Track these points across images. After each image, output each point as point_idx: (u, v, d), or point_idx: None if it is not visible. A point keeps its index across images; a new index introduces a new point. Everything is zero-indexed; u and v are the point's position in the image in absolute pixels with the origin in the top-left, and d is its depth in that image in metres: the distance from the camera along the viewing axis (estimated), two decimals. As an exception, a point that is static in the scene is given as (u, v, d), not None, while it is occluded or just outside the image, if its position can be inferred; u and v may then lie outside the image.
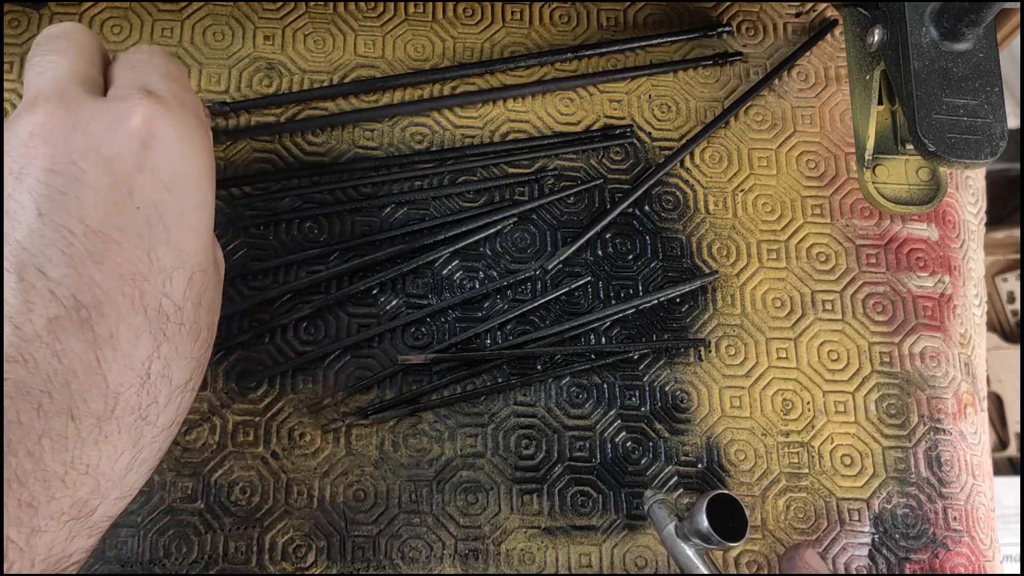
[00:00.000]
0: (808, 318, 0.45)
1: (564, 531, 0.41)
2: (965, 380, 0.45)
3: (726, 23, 0.50)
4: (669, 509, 0.38)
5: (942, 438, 0.44)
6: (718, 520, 0.33)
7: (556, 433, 0.42)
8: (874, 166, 0.42)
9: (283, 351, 0.42)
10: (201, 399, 0.41)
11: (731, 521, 0.34)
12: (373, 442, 0.42)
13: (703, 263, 0.46)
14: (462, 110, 0.47)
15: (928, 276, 0.46)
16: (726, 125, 0.48)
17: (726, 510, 0.34)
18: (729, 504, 0.34)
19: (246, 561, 0.39)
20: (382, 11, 0.48)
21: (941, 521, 0.43)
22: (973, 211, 0.50)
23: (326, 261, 0.44)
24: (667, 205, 0.46)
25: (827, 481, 0.43)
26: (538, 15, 0.49)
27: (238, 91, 0.46)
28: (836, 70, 0.49)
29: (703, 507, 0.33)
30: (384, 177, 0.45)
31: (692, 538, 0.35)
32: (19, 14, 0.46)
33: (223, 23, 0.47)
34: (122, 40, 0.46)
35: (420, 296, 0.44)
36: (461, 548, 0.40)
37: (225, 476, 0.40)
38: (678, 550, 0.36)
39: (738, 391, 0.44)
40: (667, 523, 0.37)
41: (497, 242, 0.45)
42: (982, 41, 0.38)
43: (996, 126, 0.37)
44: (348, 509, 0.41)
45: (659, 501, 0.39)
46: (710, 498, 0.34)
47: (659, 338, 0.44)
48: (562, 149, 0.46)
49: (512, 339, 0.43)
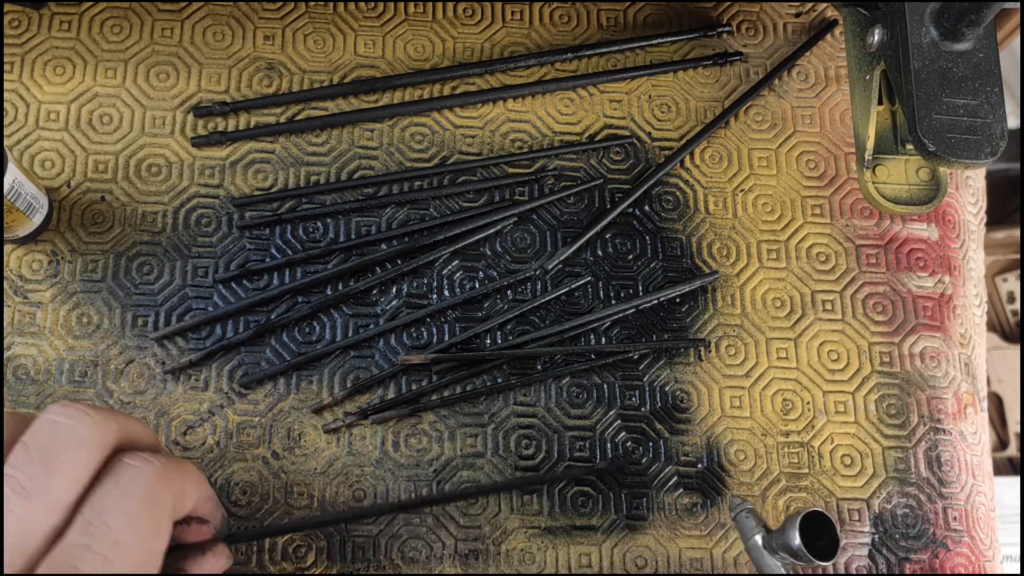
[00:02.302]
0: (808, 318, 0.45)
1: (564, 531, 0.41)
2: (965, 380, 0.45)
3: (726, 23, 0.50)
4: (757, 519, 0.38)
5: (942, 438, 0.44)
6: (809, 537, 0.34)
7: (556, 433, 0.42)
8: (874, 166, 0.42)
9: (283, 351, 0.42)
10: (201, 399, 0.41)
11: (821, 539, 0.34)
12: (373, 442, 0.42)
13: (703, 263, 0.46)
14: (462, 110, 0.47)
15: (928, 276, 0.46)
16: (726, 125, 0.48)
17: (818, 527, 0.34)
18: (822, 522, 0.34)
19: (246, 561, 0.39)
20: (382, 11, 0.48)
21: (941, 521, 0.43)
22: (973, 211, 0.50)
23: (326, 261, 0.44)
24: (667, 205, 0.46)
25: (827, 481, 0.43)
26: (538, 15, 0.49)
27: (238, 91, 0.46)
28: (836, 70, 0.49)
29: (796, 523, 0.34)
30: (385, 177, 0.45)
31: (780, 552, 0.35)
32: (19, 14, 0.46)
33: (223, 23, 0.47)
34: (122, 40, 0.46)
35: (420, 296, 0.44)
36: (461, 548, 0.40)
37: (225, 476, 0.40)
38: (764, 562, 0.36)
39: (738, 391, 0.44)
40: (754, 533, 0.37)
41: (497, 242, 0.45)
42: (982, 41, 0.38)
43: (996, 126, 0.37)
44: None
45: (747, 510, 0.39)
46: (804, 515, 0.34)
47: (659, 338, 0.44)
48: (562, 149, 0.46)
49: (512, 339, 0.43)
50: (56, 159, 0.44)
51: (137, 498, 0.29)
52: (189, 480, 0.31)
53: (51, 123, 0.44)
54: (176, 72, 0.46)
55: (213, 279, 0.43)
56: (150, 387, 0.41)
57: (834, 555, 0.34)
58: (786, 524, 0.34)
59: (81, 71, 0.45)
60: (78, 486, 0.29)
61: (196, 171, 0.44)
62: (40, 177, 0.44)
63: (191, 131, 0.45)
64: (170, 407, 0.41)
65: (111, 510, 0.28)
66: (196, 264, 0.43)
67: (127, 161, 0.44)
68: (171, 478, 0.30)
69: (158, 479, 0.29)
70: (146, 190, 0.44)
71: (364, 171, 0.45)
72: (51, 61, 0.45)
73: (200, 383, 0.42)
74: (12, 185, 0.38)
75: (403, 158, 0.46)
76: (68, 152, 0.44)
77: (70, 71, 0.45)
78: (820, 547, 0.34)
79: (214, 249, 0.43)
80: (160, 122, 0.45)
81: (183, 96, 0.45)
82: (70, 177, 0.44)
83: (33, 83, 0.45)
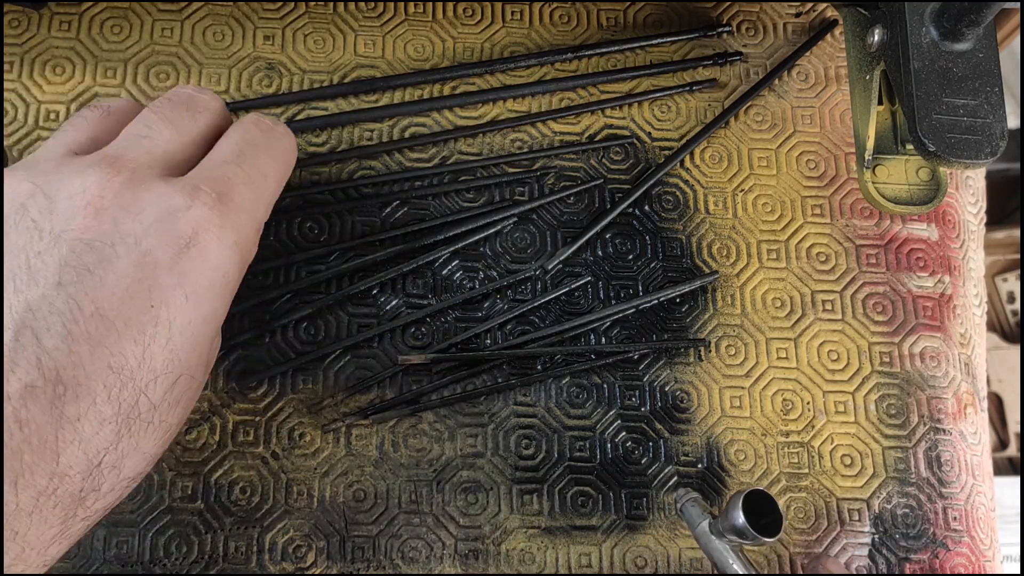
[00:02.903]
0: (808, 318, 0.45)
1: (564, 531, 0.41)
2: (965, 380, 0.45)
3: (726, 23, 0.50)
4: (702, 507, 0.38)
5: (942, 438, 0.44)
6: (752, 516, 0.34)
7: (556, 433, 0.42)
8: (874, 166, 0.42)
9: (283, 351, 0.42)
10: (201, 399, 0.41)
11: (765, 517, 0.34)
12: (373, 442, 0.42)
13: (703, 263, 0.46)
14: (462, 110, 0.47)
15: (928, 276, 0.46)
16: (726, 125, 0.48)
17: (760, 506, 0.34)
18: (763, 500, 0.34)
19: (246, 561, 0.39)
20: (382, 11, 0.48)
21: (941, 521, 0.43)
22: (973, 211, 0.50)
23: (326, 261, 0.44)
24: (667, 205, 0.46)
25: (827, 481, 0.43)
26: (538, 15, 0.49)
27: (238, 91, 0.46)
28: (836, 70, 0.49)
29: (739, 503, 0.34)
30: (385, 177, 0.45)
31: (727, 535, 0.35)
32: (19, 14, 0.46)
33: (223, 23, 0.47)
34: (122, 40, 0.46)
35: (420, 296, 0.44)
36: (461, 548, 0.40)
37: (225, 476, 0.40)
38: (712, 547, 0.36)
39: (738, 391, 0.44)
40: (701, 521, 0.37)
41: (497, 242, 0.45)
42: (982, 41, 0.38)
43: (996, 126, 0.37)
44: (348, 509, 0.41)
45: (691, 499, 0.39)
46: (745, 494, 0.34)
47: (659, 338, 0.44)
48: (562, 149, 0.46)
49: (512, 339, 0.43)
50: (56, 159, 0.44)
51: (276, 146, 0.33)
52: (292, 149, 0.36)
53: (51, 123, 0.44)
54: (176, 72, 0.46)
55: (213, 279, 0.43)
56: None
57: (779, 531, 0.34)
58: (729, 505, 0.34)
59: (81, 71, 0.45)
60: (215, 134, 0.33)
61: (196, 171, 0.44)
62: (40, 177, 0.44)
63: (191, 131, 0.45)
64: (170, 407, 0.41)
65: (260, 148, 0.33)
66: (196, 264, 0.43)
67: (127, 161, 0.44)
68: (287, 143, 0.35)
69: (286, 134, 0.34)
70: (146, 190, 0.44)
71: (364, 171, 0.45)
72: (51, 61, 0.45)
73: (200, 383, 0.42)
74: (12, 185, 0.38)
75: (403, 158, 0.46)
76: (68, 152, 0.44)
77: (70, 71, 0.45)
78: (764, 525, 0.34)
79: (214, 249, 0.43)
80: (160, 122, 0.45)
81: (183, 96, 0.45)
82: (70, 177, 0.44)
83: (33, 83, 0.45)
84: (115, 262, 0.28)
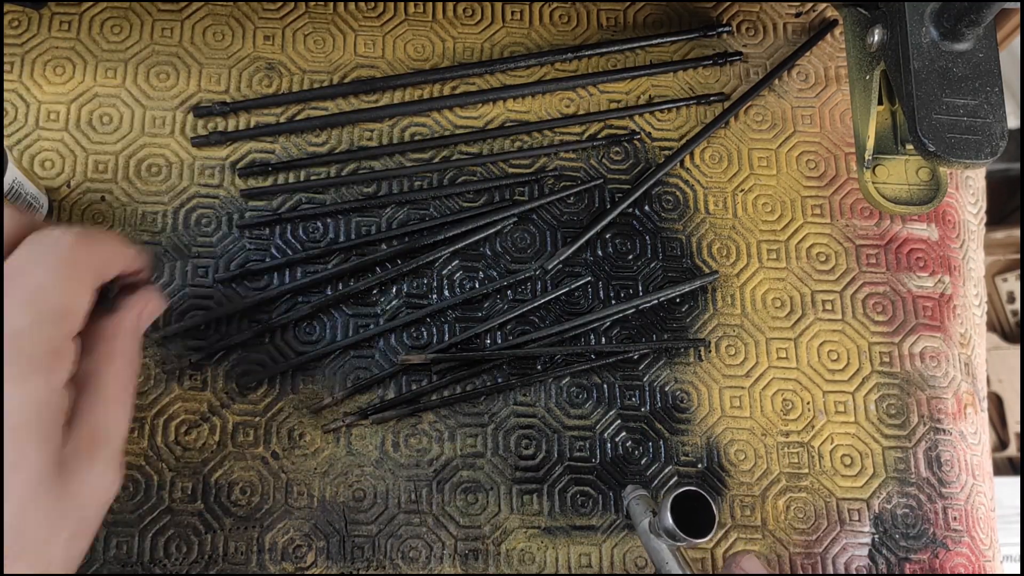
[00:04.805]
0: (808, 318, 0.45)
1: (564, 531, 0.41)
2: (965, 380, 0.45)
3: (726, 23, 0.50)
4: (647, 504, 0.38)
5: (942, 438, 0.44)
6: (690, 516, 0.33)
7: (556, 433, 0.42)
8: (874, 166, 0.42)
9: (283, 351, 0.42)
10: (201, 399, 0.41)
11: (701, 516, 0.33)
12: (373, 442, 0.42)
13: (703, 263, 0.46)
14: (462, 110, 0.47)
15: (928, 276, 0.46)
16: (726, 125, 0.48)
17: (697, 505, 0.33)
18: (699, 500, 0.33)
19: (246, 561, 0.39)
20: (382, 11, 0.48)
21: (941, 521, 0.43)
22: (973, 211, 0.50)
23: (326, 261, 0.44)
24: (667, 205, 0.46)
25: (827, 481, 0.43)
26: (538, 15, 0.49)
27: (238, 91, 0.46)
28: (836, 70, 0.49)
29: (668, 504, 0.33)
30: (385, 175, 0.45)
31: (663, 534, 0.34)
32: (19, 14, 0.46)
33: (223, 23, 0.47)
34: (122, 40, 0.46)
35: (420, 296, 0.44)
36: (461, 548, 0.40)
37: (225, 476, 0.40)
38: (652, 546, 0.36)
39: (738, 391, 0.44)
40: (643, 519, 0.37)
41: (497, 242, 0.45)
42: (982, 41, 0.38)
43: (996, 126, 0.37)
44: (348, 509, 0.41)
45: (637, 497, 0.39)
46: (677, 494, 0.33)
47: (659, 338, 0.44)
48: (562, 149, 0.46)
49: (512, 339, 0.43)
50: (56, 159, 0.44)
51: (57, 256, 0.30)
52: (111, 245, 0.32)
53: (51, 123, 0.44)
54: (176, 72, 0.46)
55: (213, 279, 0.43)
56: (150, 387, 0.41)
57: (709, 532, 0.32)
58: (661, 505, 0.33)
59: (81, 71, 0.45)
60: None
61: (196, 171, 0.44)
62: (40, 177, 0.44)
63: (191, 131, 0.45)
64: (169, 407, 0.41)
65: (31, 263, 0.30)
66: (196, 264, 0.43)
67: (127, 161, 0.44)
68: (90, 244, 0.32)
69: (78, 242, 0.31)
70: (146, 190, 0.44)
71: (364, 171, 0.45)
72: (51, 61, 0.45)
73: (199, 383, 0.42)
74: (12, 185, 0.38)
75: (403, 158, 0.46)
76: (68, 152, 0.44)
77: (70, 71, 0.45)
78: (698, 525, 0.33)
79: (214, 249, 0.43)
80: (160, 122, 0.45)
81: (183, 96, 0.45)
82: (70, 177, 0.44)
83: (33, 83, 0.45)
84: None
